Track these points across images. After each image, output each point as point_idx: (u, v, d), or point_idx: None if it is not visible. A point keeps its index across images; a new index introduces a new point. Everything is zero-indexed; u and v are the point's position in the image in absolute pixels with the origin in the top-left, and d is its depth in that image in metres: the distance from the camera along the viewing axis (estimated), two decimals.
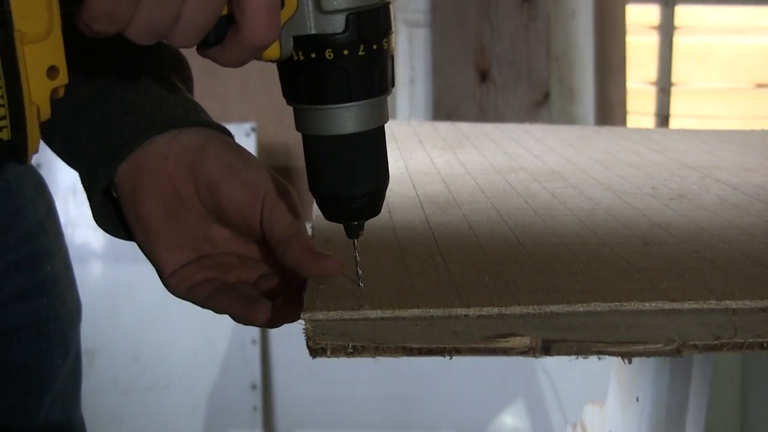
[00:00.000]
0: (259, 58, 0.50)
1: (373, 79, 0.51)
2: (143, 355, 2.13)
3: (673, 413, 1.03)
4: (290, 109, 0.53)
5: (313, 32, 0.49)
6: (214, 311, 0.57)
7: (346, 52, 0.49)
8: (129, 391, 2.14)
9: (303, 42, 0.49)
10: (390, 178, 0.55)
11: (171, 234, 0.58)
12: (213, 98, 2.18)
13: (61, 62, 0.47)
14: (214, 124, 0.61)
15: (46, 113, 0.47)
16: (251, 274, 0.60)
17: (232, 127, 0.62)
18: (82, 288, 0.80)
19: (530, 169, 0.98)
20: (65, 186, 2.04)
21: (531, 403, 2.16)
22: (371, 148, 0.53)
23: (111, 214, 0.61)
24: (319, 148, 0.52)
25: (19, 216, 0.71)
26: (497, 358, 2.09)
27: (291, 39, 0.49)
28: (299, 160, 2.31)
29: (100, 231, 0.62)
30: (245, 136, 2.08)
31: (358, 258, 0.55)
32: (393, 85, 0.53)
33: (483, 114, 2.22)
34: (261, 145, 2.15)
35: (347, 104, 0.51)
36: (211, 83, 2.18)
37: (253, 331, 2.10)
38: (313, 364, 2.34)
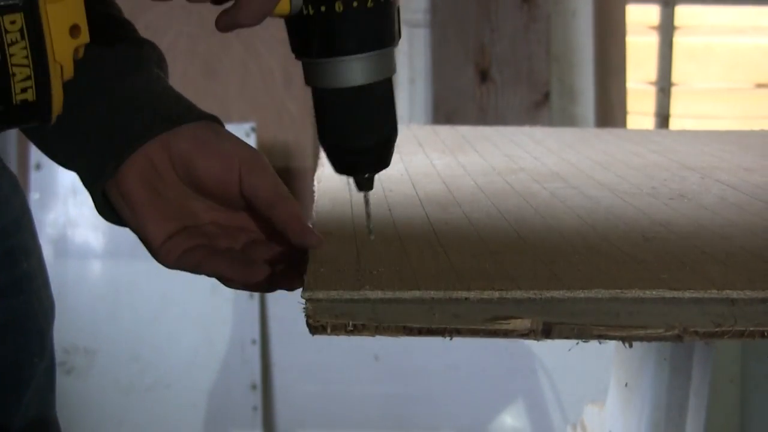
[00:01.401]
0: (270, 14, 0.50)
1: (381, 30, 0.52)
2: (143, 354, 2.13)
3: (673, 413, 1.03)
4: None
5: None
6: (207, 275, 0.58)
7: (355, 4, 0.50)
8: (129, 390, 2.14)
9: None
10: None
11: (154, 207, 0.59)
12: (213, 98, 2.18)
13: (82, 20, 0.46)
14: (205, 114, 0.62)
15: (69, 73, 0.47)
16: (237, 242, 0.61)
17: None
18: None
19: (530, 170, 0.98)
20: (65, 186, 2.04)
21: (531, 403, 2.16)
22: (381, 99, 0.53)
23: (110, 205, 0.62)
24: (330, 100, 0.53)
25: None
26: (497, 358, 2.09)
27: None
28: (299, 161, 2.31)
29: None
30: (245, 136, 2.07)
31: (370, 212, 0.56)
32: (400, 36, 0.53)
33: (483, 114, 2.22)
34: (261, 145, 2.15)
35: (357, 56, 0.51)
36: (211, 83, 2.18)
37: (253, 331, 2.10)
38: (313, 364, 2.32)
